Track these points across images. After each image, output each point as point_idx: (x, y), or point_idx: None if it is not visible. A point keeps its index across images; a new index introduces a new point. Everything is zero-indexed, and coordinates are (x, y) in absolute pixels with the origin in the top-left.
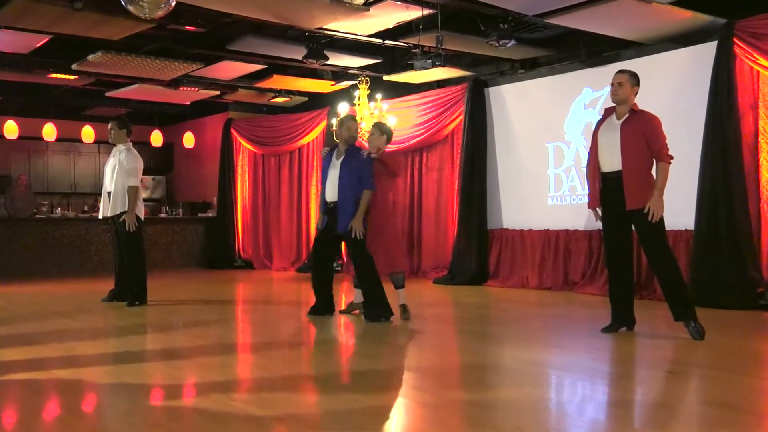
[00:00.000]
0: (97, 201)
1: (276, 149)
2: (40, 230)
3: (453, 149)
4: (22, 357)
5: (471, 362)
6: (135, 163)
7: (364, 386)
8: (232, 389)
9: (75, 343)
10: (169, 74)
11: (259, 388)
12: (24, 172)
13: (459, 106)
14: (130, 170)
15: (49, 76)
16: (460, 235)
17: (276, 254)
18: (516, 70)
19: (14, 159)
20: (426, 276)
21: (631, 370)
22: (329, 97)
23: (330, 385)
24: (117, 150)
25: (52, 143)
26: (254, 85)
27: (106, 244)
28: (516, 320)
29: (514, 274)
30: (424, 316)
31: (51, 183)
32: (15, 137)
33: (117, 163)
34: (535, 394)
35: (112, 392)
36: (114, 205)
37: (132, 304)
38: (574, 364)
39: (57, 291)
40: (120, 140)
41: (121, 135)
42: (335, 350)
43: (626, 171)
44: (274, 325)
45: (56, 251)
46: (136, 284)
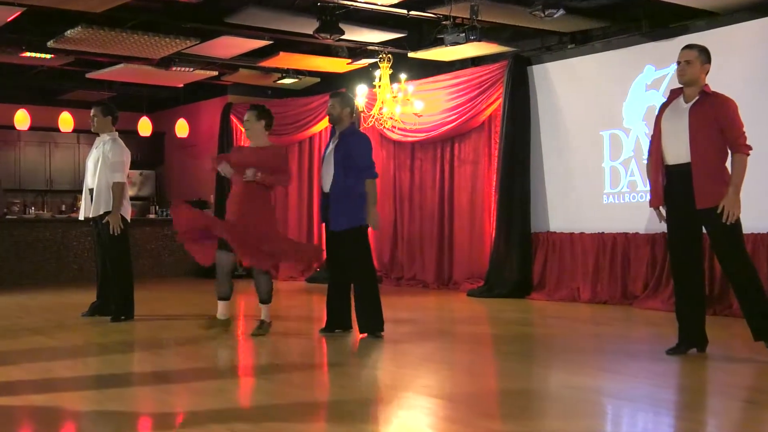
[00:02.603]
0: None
1: (283, 139)
2: (12, 233)
3: (490, 138)
4: None
5: (511, 388)
6: (121, 156)
7: (385, 416)
8: (231, 418)
9: (51, 363)
10: (159, 52)
11: (263, 417)
12: None
13: (497, 87)
14: (116, 164)
15: (22, 55)
16: (498, 240)
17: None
18: (565, 44)
19: None
20: (458, 287)
21: (702, 400)
22: (345, 77)
23: (345, 415)
24: (101, 140)
25: (25, 132)
26: (258, 65)
27: (87, 249)
28: (565, 340)
29: (563, 285)
30: (456, 334)
31: (23, 179)
32: None
33: (101, 155)
34: (586, 425)
35: (93, 421)
36: (97, 204)
37: (117, 319)
38: (633, 391)
39: (30, 304)
40: (104, 129)
41: (105, 123)
42: (351, 374)
43: (695, 163)
44: (280, 344)
45: (30, 258)
46: (121, 296)
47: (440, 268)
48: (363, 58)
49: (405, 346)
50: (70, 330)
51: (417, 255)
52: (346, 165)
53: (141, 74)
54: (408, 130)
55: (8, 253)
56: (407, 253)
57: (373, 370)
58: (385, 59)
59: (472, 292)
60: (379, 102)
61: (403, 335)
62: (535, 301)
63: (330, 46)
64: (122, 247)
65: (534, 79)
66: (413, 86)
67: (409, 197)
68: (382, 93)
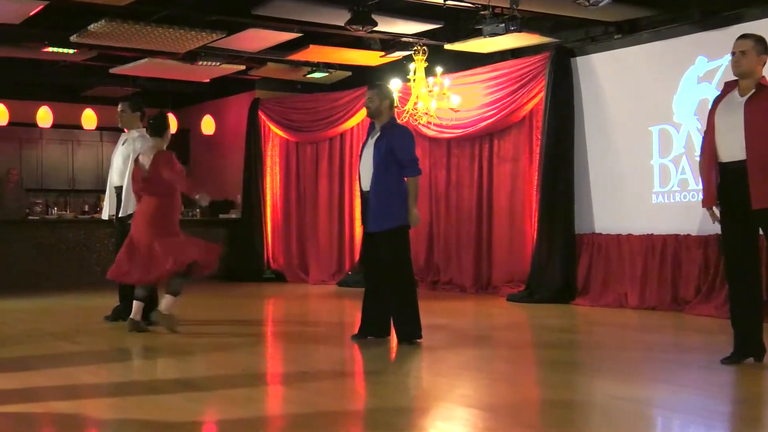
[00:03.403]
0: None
1: (313, 135)
2: (33, 235)
3: (531, 134)
4: (14, 386)
5: (554, 398)
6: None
7: (421, 427)
8: (260, 427)
9: (74, 369)
10: (185, 46)
11: (293, 427)
12: (14, 165)
13: (539, 81)
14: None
15: (45, 51)
16: (540, 242)
17: (313, 265)
18: (611, 35)
19: (3, 150)
20: (498, 292)
21: (759, 412)
22: (378, 71)
23: (378, 425)
24: (129, 137)
25: (48, 130)
26: (287, 58)
27: (110, 251)
28: (611, 348)
29: (609, 290)
30: (495, 341)
31: (46, 178)
32: (5, 123)
33: (131, 152)
34: None
35: (117, 429)
36: (126, 203)
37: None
38: (684, 402)
39: (53, 308)
40: (132, 125)
41: (134, 119)
42: (385, 382)
43: (751, 161)
44: (311, 350)
45: (52, 260)
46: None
47: (478, 272)
48: (397, 50)
49: (442, 353)
50: (94, 335)
51: (454, 257)
52: (387, 161)
53: (166, 69)
54: (444, 126)
55: (30, 254)
56: (443, 256)
57: (408, 378)
58: (420, 51)
59: (512, 296)
60: (413, 97)
61: (440, 342)
62: (579, 307)
63: (362, 38)
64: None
65: (578, 71)
66: (450, 80)
67: (446, 197)
68: (417, 87)
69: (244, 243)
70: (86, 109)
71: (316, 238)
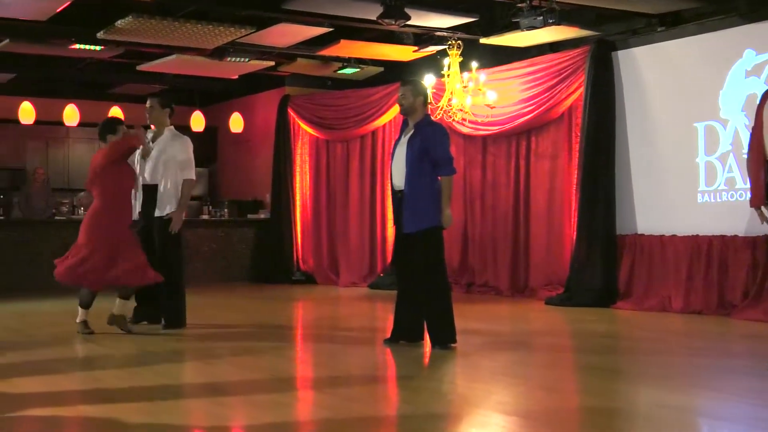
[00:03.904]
0: None
1: (344, 133)
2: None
3: (570, 131)
4: (41, 389)
5: (594, 406)
6: (190, 151)
7: None
8: None
9: (102, 373)
10: (213, 42)
11: None
12: (41, 164)
13: (578, 75)
14: (188, 161)
15: (71, 48)
16: (580, 243)
17: (343, 266)
18: (654, 27)
19: (30, 148)
20: (535, 295)
21: None
22: (410, 66)
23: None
24: (156, 135)
25: (74, 128)
26: (317, 53)
27: None
28: (654, 353)
29: (652, 293)
30: (532, 346)
31: (72, 177)
32: (31, 122)
33: (163, 151)
34: None
35: None
36: (162, 202)
37: (170, 326)
38: (732, 410)
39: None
40: (162, 121)
41: (163, 115)
42: (418, 387)
43: None
44: (341, 355)
45: None
46: (176, 301)
47: (515, 274)
48: (430, 45)
49: (477, 358)
50: (122, 338)
51: (489, 259)
52: (421, 159)
53: (193, 65)
54: (479, 123)
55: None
56: (479, 258)
57: (442, 384)
58: (454, 46)
59: (550, 300)
60: (447, 93)
61: (475, 347)
62: (620, 311)
63: (395, 33)
64: (178, 248)
65: (619, 65)
66: (485, 75)
67: (481, 196)
68: (452, 83)
69: (273, 244)
70: (113, 107)
71: (346, 238)
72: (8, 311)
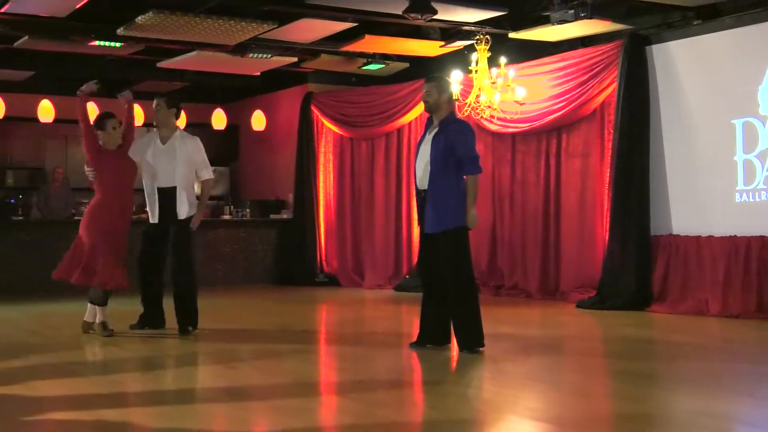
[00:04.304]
0: None
1: (368, 131)
2: None
3: (602, 129)
4: (61, 392)
5: (628, 413)
6: (203, 150)
7: None
8: None
9: (121, 376)
10: (235, 38)
11: None
12: (60, 163)
13: (611, 71)
14: (205, 160)
15: (91, 45)
16: (612, 244)
17: (368, 268)
18: (690, 20)
19: (50, 147)
20: (567, 298)
21: None
22: (437, 62)
23: None
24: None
25: None
26: (341, 49)
27: None
28: (690, 358)
29: (688, 296)
30: (563, 351)
31: None
32: (50, 120)
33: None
34: None
35: None
36: (181, 204)
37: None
38: None
39: None
40: (168, 122)
41: (169, 116)
42: (446, 392)
43: None
44: (366, 359)
45: None
46: (192, 305)
47: (545, 276)
48: (458, 39)
49: (506, 363)
50: (141, 340)
51: (519, 261)
52: (446, 158)
53: (215, 62)
54: (508, 120)
55: None
56: (508, 259)
57: (470, 389)
58: (482, 41)
59: (582, 303)
60: (475, 89)
61: (504, 351)
62: (655, 314)
63: (421, 28)
64: (193, 252)
65: (653, 60)
66: (514, 71)
67: (510, 196)
68: (480, 79)
69: (295, 245)
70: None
71: (371, 239)
72: (27, 313)
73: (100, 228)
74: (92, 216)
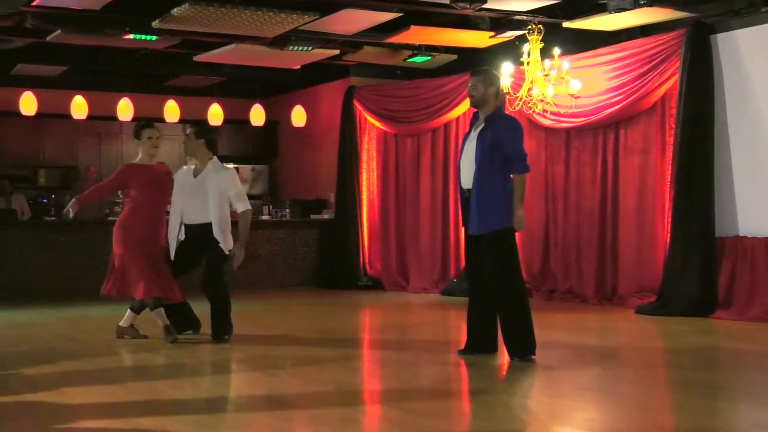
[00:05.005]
0: None
1: (414, 127)
2: None
3: (663, 123)
4: (96, 399)
5: (690, 426)
6: (239, 182)
7: None
8: None
9: (158, 383)
10: (274, 30)
11: None
12: (93, 161)
13: (672, 61)
14: (241, 192)
15: (125, 38)
16: (674, 246)
17: (414, 271)
18: (758, 7)
19: (82, 145)
20: (625, 303)
21: None
22: (487, 53)
23: None
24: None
25: (128, 123)
26: (385, 41)
27: None
28: (757, 369)
29: (756, 301)
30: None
31: None
32: (83, 117)
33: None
34: None
35: None
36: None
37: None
38: None
39: None
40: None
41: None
42: (496, 403)
43: None
44: (411, 367)
45: None
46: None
47: (602, 280)
48: (508, 29)
49: (559, 372)
50: (178, 346)
51: (573, 264)
52: (491, 155)
53: (253, 55)
54: (562, 115)
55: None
56: (561, 262)
57: (522, 399)
58: (534, 31)
59: (641, 308)
60: (527, 81)
61: (557, 360)
62: (720, 321)
63: (469, 17)
64: (221, 270)
65: (719, 50)
66: (569, 62)
67: (564, 195)
68: (532, 71)
69: (337, 247)
70: (169, 101)
71: (417, 241)
72: (59, 317)
73: (130, 238)
74: (122, 226)
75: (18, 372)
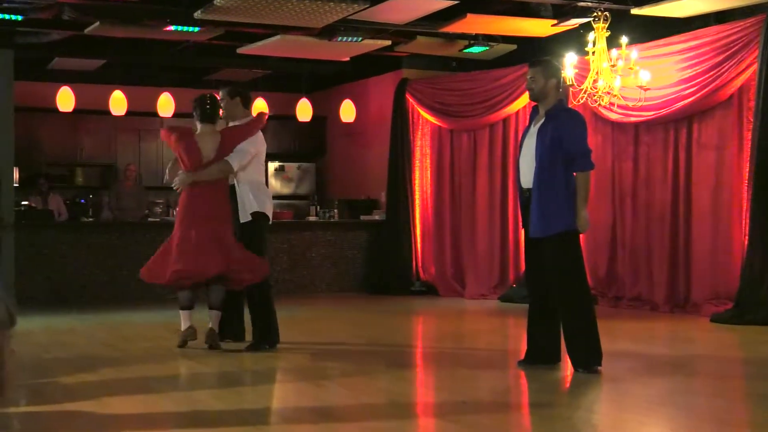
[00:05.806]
0: None
1: (470, 122)
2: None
3: (740, 117)
4: (134, 410)
5: None
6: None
7: None
8: None
9: (200, 393)
10: (321, 20)
11: None
12: (133, 160)
13: (751, 50)
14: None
15: (166, 30)
16: (753, 249)
17: (470, 275)
18: None
19: (121, 142)
20: (699, 311)
21: None
22: (548, 43)
23: None
24: None
25: (169, 119)
26: (439, 30)
27: None
28: None
29: None
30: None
31: None
32: (123, 113)
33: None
34: None
35: None
36: (243, 205)
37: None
38: None
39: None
40: (234, 114)
41: (233, 106)
42: (559, 416)
43: None
44: (467, 378)
45: None
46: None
47: (673, 286)
48: (572, 17)
49: (627, 384)
50: (221, 354)
51: (642, 268)
52: (553, 152)
53: (300, 47)
54: (631, 108)
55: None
56: (630, 267)
57: (586, 414)
58: (600, 18)
59: (717, 316)
60: (592, 73)
61: (625, 371)
62: None
63: (530, 4)
64: (264, 251)
65: None
66: (637, 52)
67: (632, 194)
68: (597, 61)
69: (389, 250)
70: None
71: (473, 244)
72: (98, 323)
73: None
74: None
75: (56, 380)
